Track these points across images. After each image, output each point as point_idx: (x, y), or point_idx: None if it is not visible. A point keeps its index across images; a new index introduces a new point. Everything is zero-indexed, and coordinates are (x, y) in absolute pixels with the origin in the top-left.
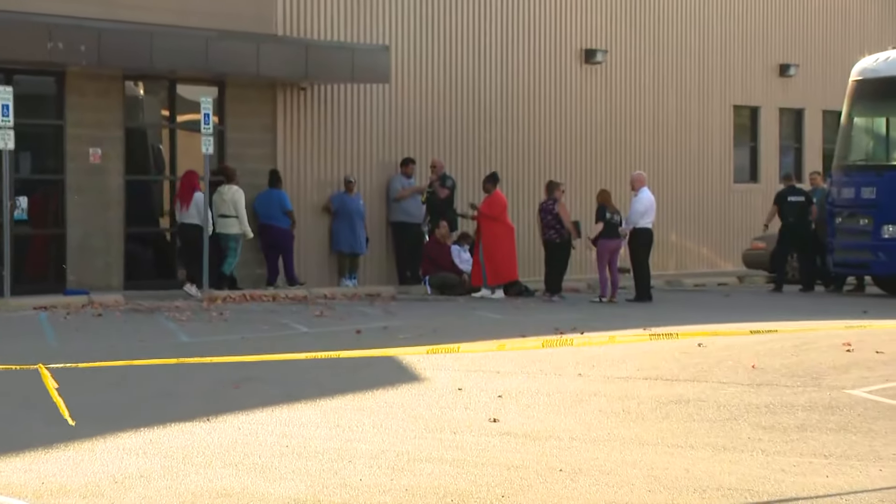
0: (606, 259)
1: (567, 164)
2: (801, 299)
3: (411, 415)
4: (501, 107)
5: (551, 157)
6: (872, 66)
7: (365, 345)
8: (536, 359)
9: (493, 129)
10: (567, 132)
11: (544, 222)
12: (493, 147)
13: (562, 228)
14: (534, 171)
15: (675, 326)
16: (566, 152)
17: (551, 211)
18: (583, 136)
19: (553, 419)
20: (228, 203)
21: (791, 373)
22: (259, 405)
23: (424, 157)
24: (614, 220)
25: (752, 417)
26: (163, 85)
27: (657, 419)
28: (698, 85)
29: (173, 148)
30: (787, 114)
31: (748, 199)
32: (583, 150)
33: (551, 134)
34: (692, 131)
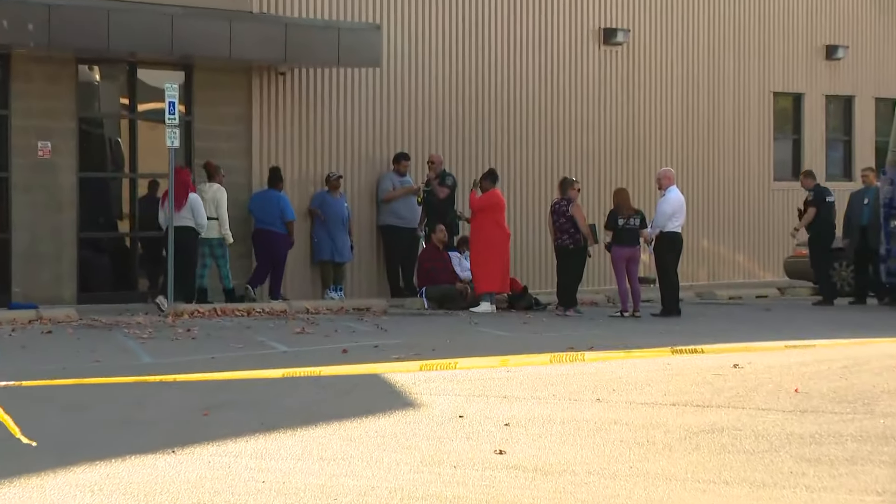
0: (623, 268)
1: (583, 160)
2: (852, 314)
3: (406, 446)
4: (508, 95)
5: (565, 152)
6: None
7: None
8: (549, 382)
9: (499, 119)
10: (583, 123)
11: (557, 225)
12: (498, 140)
13: (577, 233)
14: (545, 168)
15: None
16: (582, 146)
17: (565, 213)
18: (601, 127)
19: (567, 451)
20: (209, 203)
21: (839, 398)
22: (231, 434)
23: (421, 151)
24: (629, 226)
25: (794, 449)
26: (121, 69)
27: (686, 451)
28: (733, 69)
29: (133, 141)
30: (835, 102)
31: (790, 198)
32: (601, 143)
33: (565, 125)
34: (726, 122)
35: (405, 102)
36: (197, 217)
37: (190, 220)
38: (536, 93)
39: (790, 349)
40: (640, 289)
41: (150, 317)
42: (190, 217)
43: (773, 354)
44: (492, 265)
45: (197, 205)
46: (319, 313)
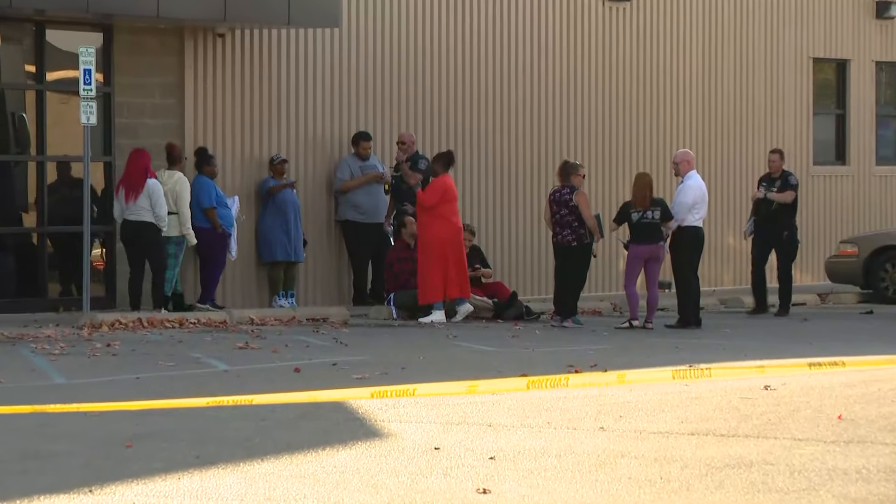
0: (638, 270)
1: (585, 140)
2: None
3: (371, 484)
4: (495, 62)
5: (563, 130)
6: None
7: (306, 387)
8: (542, 407)
9: (484, 91)
10: (585, 96)
11: (557, 219)
12: (483, 116)
13: (580, 227)
14: (540, 149)
15: (731, 363)
16: (584, 124)
17: (567, 203)
18: (607, 101)
19: (564, 490)
20: (168, 195)
21: (891, 426)
22: (160, 471)
23: (388, 131)
24: (646, 220)
25: (837, 487)
26: (27, 30)
27: (708, 489)
28: (765, 31)
29: (41, 116)
30: (888, 70)
31: (833, 186)
32: (607, 120)
33: (563, 99)
34: (757, 95)
35: (370, 71)
36: (156, 208)
37: (149, 214)
38: (529, 59)
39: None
40: (658, 295)
41: (63, 329)
42: (149, 209)
43: (811, 374)
44: (441, 269)
45: (156, 193)
46: (267, 324)
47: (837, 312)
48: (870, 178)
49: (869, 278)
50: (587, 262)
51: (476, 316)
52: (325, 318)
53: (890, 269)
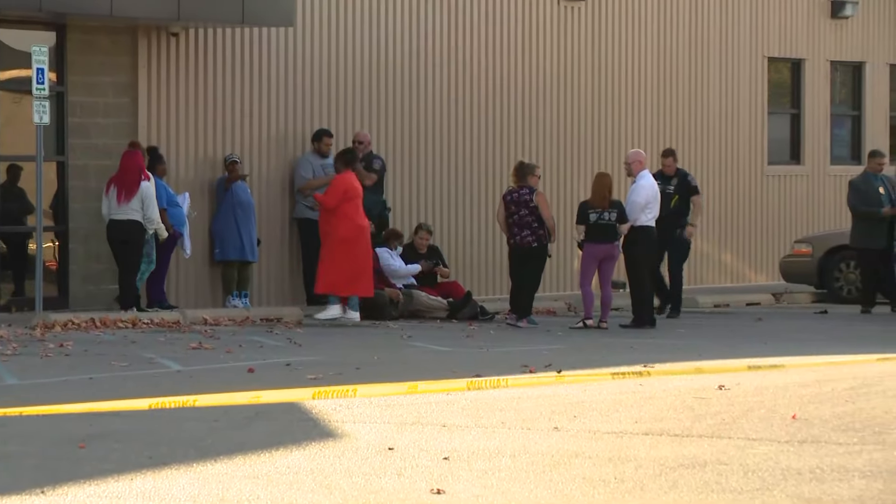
0: (594, 270)
1: (541, 140)
2: (861, 324)
3: (324, 484)
4: (451, 61)
5: (520, 131)
6: None
7: (260, 387)
8: (497, 407)
9: (439, 90)
10: (541, 95)
11: (515, 219)
12: (438, 116)
13: (540, 228)
14: (495, 148)
15: (685, 363)
16: (538, 123)
17: (527, 204)
18: (562, 100)
19: (518, 490)
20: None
21: (845, 425)
22: (114, 471)
23: (344, 128)
24: (603, 220)
25: (791, 486)
26: None
27: (662, 489)
28: (720, 30)
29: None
30: (843, 69)
31: (788, 186)
32: (563, 120)
33: (519, 98)
34: (712, 95)
35: (324, 70)
36: (147, 210)
37: (138, 214)
38: (484, 59)
39: (754, 370)
40: (611, 295)
41: (15, 329)
42: (139, 209)
43: (764, 374)
44: (346, 267)
45: (149, 196)
46: (220, 325)
47: (792, 312)
48: (824, 177)
49: (823, 278)
50: (544, 263)
51: (431, 316)
52: (279, 319)
53: (844, 268)
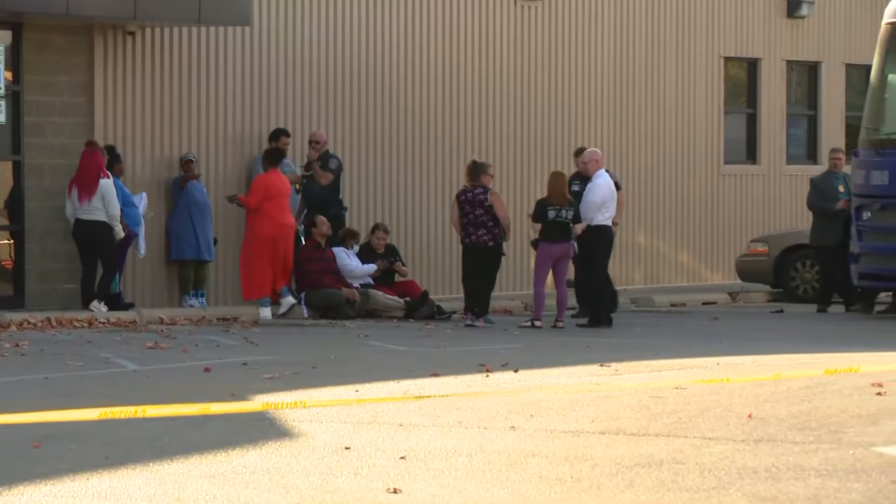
0: (549, 269)
1: (498, 139)
2: (817, 323)
3: (281, 484)
4: (406, 59)
5: (476, 130)
6: None
7: (216, 387)
8: (453, 406)
9: (395, 89)
10: (497, 94)
11: (470, 219)
12: (394, 115)
13: (495, 227)
14: (451, 147)
15: (642, 362)
16: (494, 122)
17: (483, 203)
18: (519, 99)
19: (475, 489)
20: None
21: (801, 424)
22: (69, 471)
23: (301, 128)
24: (560, 219)
25: (747, 485)
26: None
27: (618, 488)
28: (676, 30)
29: None
30: (798, 69)
31: (744, 185)
32: (519, 119)
33: (475, 97)
34: (667, 94)
35: (281, 69)
36: (109, 208)
37: (102, 213)
38: (440, 58)
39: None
40: (567, 294)
41: None
42: (102, 208)
43: (721, 373)
44: (269, 266)
45: (109, 193)
46: (177, 324)
47: (748, 311)
48: (780, 177)
49: (779, 277)
50: (499, 262)
51: (388, 315)
52: (235, 318)
53: (800, 267)
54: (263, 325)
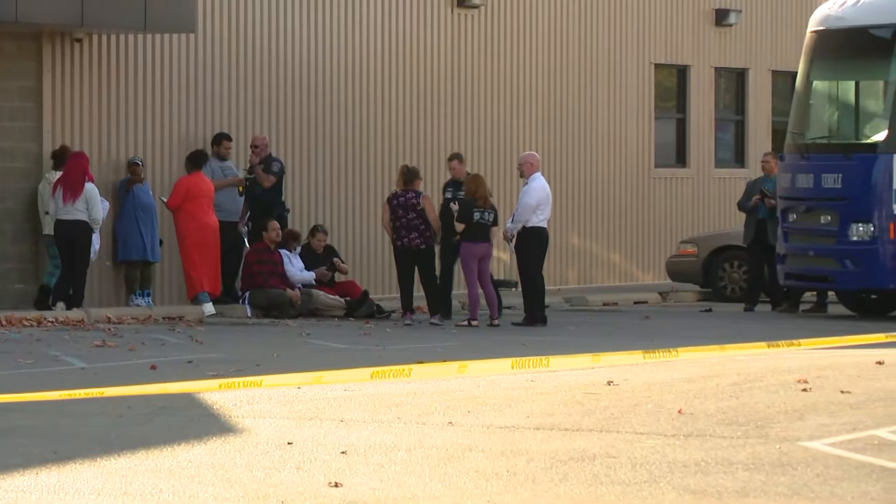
0: (475, 269)
1: (434, 143)
2: (745, 322)
3: (225, 478)
4: (347, 66)
5: (413, 134)
6: (837, 12)
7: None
8: (393, 403)
9: (335, 95)
10: (434, 100)
11: (403, 222)
12: (333, 119)
13: (427, 230)
14: (388, 152)
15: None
16: (433, 128)
17: (415, 207)
18: (456, 105)
19: (414, 483)
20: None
21: (729, 419)
22: (19, 466)
23: (244, 132)
24: (483, 220)
25: (677, 479)
26: None
27: (552, 482)
28: (608, 37)
29: None
30: (726, 75)
31: (674, 188)
32: (453, 123)
33: (413, 103)
34: (601, 100)
35: (225, 75)
36: (92, 211)
37: (84, 214)
38: (380, 64)
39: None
40: (495, 293)
41: None
42: (84, 210)
43: (652, 370)
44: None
45: (93, 197)
46: (123, 323)
47: (678, 310)
48: (709, 180)
49: (708, 277)
50: (434, 261)
51: (329, 314)
52: (180, 317)
53: (728, 268)
54: (208, 324)
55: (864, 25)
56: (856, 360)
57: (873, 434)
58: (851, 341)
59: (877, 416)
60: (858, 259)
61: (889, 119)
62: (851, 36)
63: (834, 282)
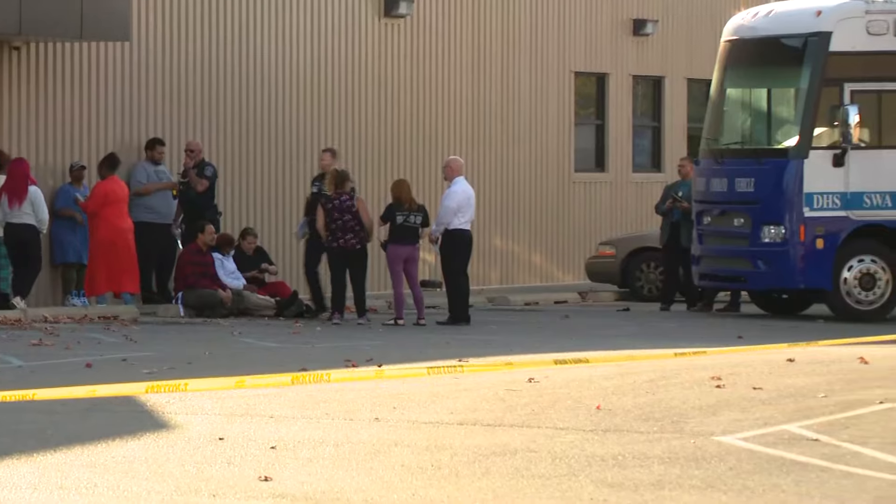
0: (401, 270)
1: (360, 147)
2: (661, 321)
3: (158, 473)
4: (278, 72)
5: (343, 139)
6: (750, 22)
7: (97, 381)
8: (321, 399)
9: (266, 101)
10: (361, 106)
11: (339, 224)
12: (264, 124)
13: (361, 231)
14: (317, 155)
15: (497, 357)
16: (360, 131)
17: (350, 209)
18: (381, 110)
19: (341, 477)
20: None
21: (645, 415)
22: None
23: (178, 137)
24: (409, 223)
25: (595, 472)
26: None
27: (475, 476)
28: (530, 46)
29: None
30: (644, 83)
31: (593, 192)
32: (381, 129)
33: (342, 109)
34: (522, 106)
35: (159, 82)
36: (38, 213)
37: (31, 217)
38: (309, 72)
39: (561, 364)
40: (422, 293)
41: None
42: (31, 213)
43: (572, 367)
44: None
45: (38, 200)
46: (60, 322)
47: (596, 310)
48: (627, 184)
49: (626, 278)
50: (367, 262)
51: (260, 314)
52: (115, 316)
53: (645, 269)
54: (142, 323)
55: (776, 35)
56: (767, 357)
57: (784, 429)
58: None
59: (787, 411)
60: (770, 260)
61: (800, 125)
62: (763, 45)
63: (746, 282)
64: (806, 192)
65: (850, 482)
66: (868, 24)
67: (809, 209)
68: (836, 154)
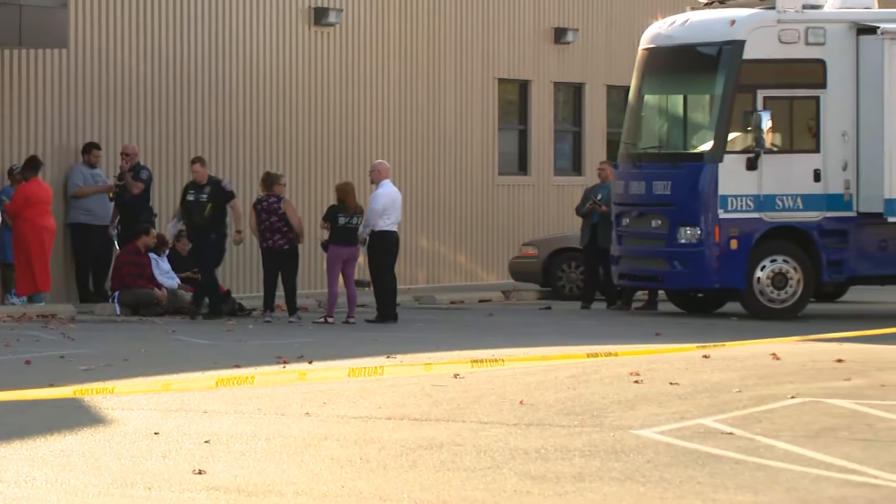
0: (338, 270)
1: (291, 151)
2: (582, 319)
3: (95, 466)
4: (210, 79)
5: (272, 142)
6: (666, 31)
7: (37, 378)
8: (253, 395)
9: (200, 106)
10: (292, 112)
11: (267, 225)
12: (200, 130)
13: (290, 232)
14: (252, 160)
15: (424, 353)
16: (290, 136)
17: (277, 211)
18: (311, 115)
19: (273, 470)
20: None
21: (567, 409)
22: None
23: (114, 141)
24: (350, 224)
25: (518, 465)
26: None
27: (402, 468)
28: (455, 52)
29: None
30: (565, 90)
31: (516, 194)
32: (311, 133)
33: (274, 114)
34: (447, 111)
35: (96, 87)
36: None
37: None
38: (241, 77)
39: (478, 365)
40: (356, 293)
41: None
42: None
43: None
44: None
45: None
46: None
47: (520, 308)
48: (549, 187)
49: (548, 277)
50: (298, 262)
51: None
52: (53, 315)
53: (566, 268)
54: (80, 322)
55: (692, 43)
56: (684, 354)
57: (700, 423)
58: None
59: (703, 406)
60: (686, 260)
61: (715, 130)
62: (680, 53)
63: (664, 281)
64: (720, 195)
65: (763, 474)
66: (780, 33)
67: (724, 211)
68: (749, 158)
